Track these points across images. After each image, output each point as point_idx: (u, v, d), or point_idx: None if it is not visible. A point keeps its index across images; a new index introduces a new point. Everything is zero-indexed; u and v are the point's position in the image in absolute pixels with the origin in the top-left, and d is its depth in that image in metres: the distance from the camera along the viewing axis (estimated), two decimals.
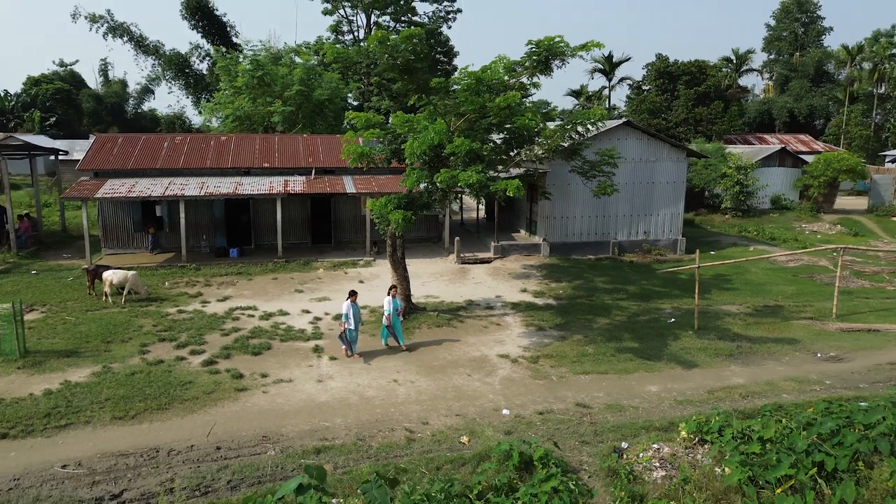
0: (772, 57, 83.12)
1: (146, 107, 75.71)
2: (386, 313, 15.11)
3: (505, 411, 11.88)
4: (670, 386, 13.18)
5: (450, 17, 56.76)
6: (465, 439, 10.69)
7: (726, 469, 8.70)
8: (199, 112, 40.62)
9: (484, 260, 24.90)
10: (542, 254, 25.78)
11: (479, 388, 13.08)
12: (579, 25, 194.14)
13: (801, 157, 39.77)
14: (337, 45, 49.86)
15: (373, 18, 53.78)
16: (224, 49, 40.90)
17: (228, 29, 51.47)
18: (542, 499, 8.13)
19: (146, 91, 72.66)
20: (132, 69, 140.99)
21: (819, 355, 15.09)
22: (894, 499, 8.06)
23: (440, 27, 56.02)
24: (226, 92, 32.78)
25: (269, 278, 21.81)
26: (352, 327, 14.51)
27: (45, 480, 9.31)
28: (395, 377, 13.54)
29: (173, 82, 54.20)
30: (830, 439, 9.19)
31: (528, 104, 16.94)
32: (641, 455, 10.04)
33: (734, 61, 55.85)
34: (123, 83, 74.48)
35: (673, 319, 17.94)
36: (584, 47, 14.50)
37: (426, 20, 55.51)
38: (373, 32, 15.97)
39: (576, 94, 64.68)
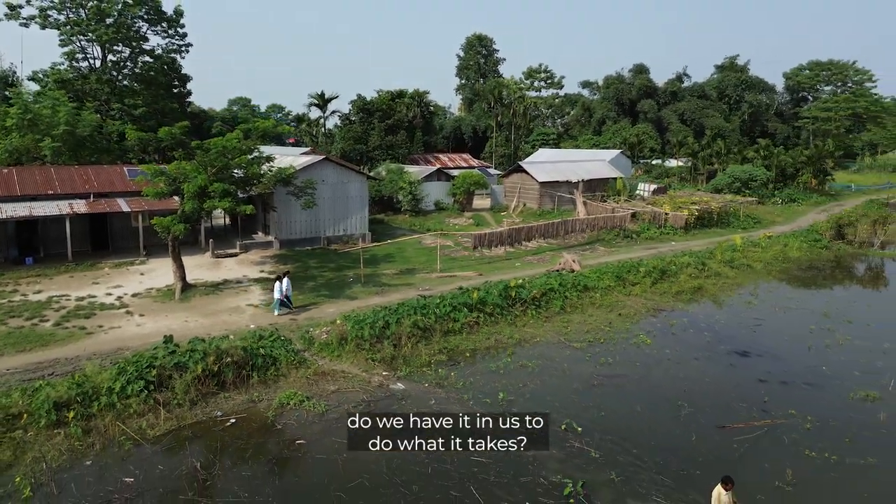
0: (463, 82, 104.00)
1: None
2: (283, 290, 23.30)
3: (252, 326, 21.98)
4: (342, 308, 24.56)
5: (182, 48, 62.40)
6: (231, 337, 20.59)
7: (348, 325, 20.25)
8: None
9: (232, 254, 33.98)
10: (274, 248, 35.75)
11: (237, 320, 22.90)
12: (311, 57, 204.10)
13: (452, 172, 55.93)
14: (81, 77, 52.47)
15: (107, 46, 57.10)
16: None
17: None
18: (270, 343, 18.68)
19: None
20: None
21: (420, 289, 28.01)
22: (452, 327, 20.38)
23: (174, 57, 61.53)
24: None
25: (67, 277, 28.12)
26: (278, 297, 22.90)
27: (1, 376, 16.86)
28: (187, 319, 22.64)
29: None
30: (422, 309, 21.38)
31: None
32: (318, 332, 21.13)
33: (417, 98, 71.98)
34: None
35: (351, 279, 29.67)
36: (275, 127, 25.25)
37: (160, 51, 60.50)
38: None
39: (299, 120, 75.37)
